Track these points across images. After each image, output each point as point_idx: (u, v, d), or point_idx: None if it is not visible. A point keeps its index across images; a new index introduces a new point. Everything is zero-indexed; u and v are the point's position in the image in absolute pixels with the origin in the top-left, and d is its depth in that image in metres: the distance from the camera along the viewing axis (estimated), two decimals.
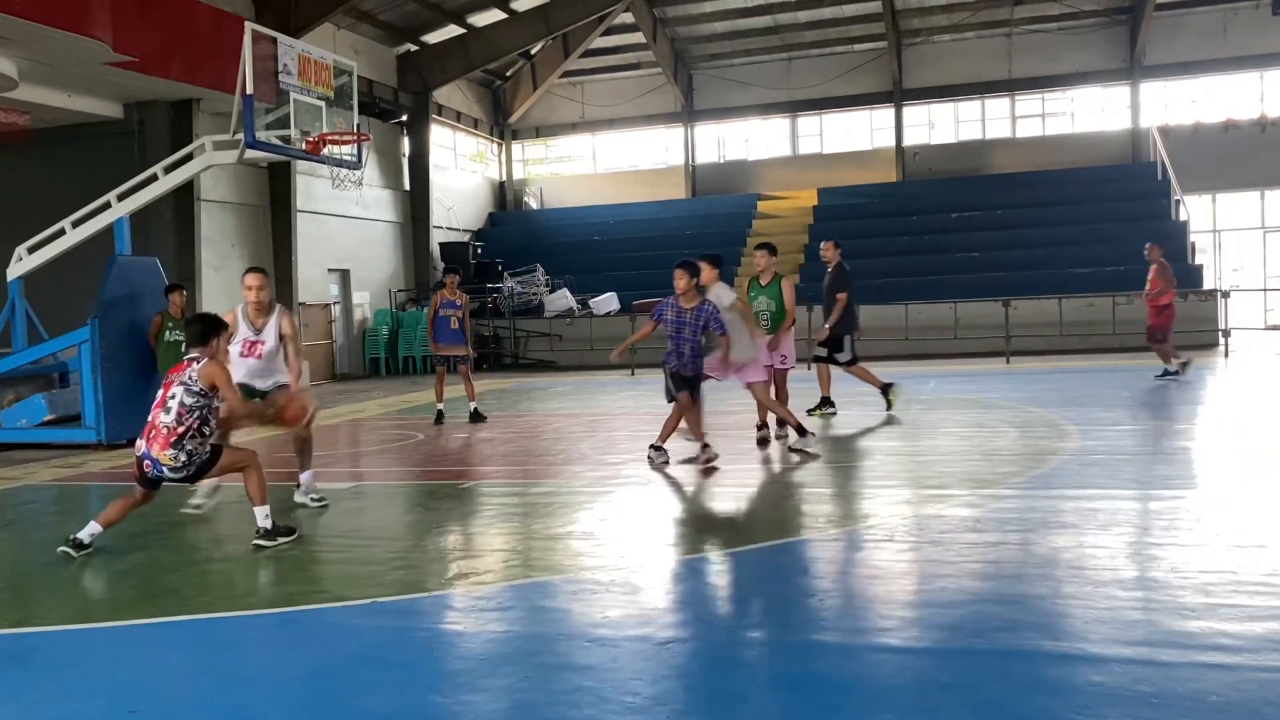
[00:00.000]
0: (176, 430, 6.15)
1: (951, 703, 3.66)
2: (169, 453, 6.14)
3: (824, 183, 28.50)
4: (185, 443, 6.16)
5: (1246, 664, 3.90)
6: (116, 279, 12.04)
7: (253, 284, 7.56)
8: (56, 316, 13.75)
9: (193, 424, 6.17)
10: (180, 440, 6.15)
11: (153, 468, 6.23)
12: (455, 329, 12.84)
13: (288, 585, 5.78)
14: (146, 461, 6.24)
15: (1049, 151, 27.59)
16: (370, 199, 24.31)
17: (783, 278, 10.29)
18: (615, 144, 31.80)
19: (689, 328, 8.58)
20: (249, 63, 11.17)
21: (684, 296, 8.62)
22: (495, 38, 26.39)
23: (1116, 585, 4.96)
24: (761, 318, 10.21)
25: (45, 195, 16.77)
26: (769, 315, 10.21)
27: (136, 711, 3.87)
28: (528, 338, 24.64)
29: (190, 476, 6.36)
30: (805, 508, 7.26)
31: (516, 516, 7.37)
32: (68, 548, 6.24)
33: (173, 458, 6.15)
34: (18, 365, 12.72)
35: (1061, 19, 27.15)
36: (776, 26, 28.36)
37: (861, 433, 10.85)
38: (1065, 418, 10.88)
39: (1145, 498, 7.09)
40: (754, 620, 4.73)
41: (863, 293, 22.08)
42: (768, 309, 10.21)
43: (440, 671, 4.24)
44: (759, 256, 10.40)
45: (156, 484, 6.43)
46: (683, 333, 8.61)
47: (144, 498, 6.48)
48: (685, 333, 8.60)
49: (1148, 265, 14.83)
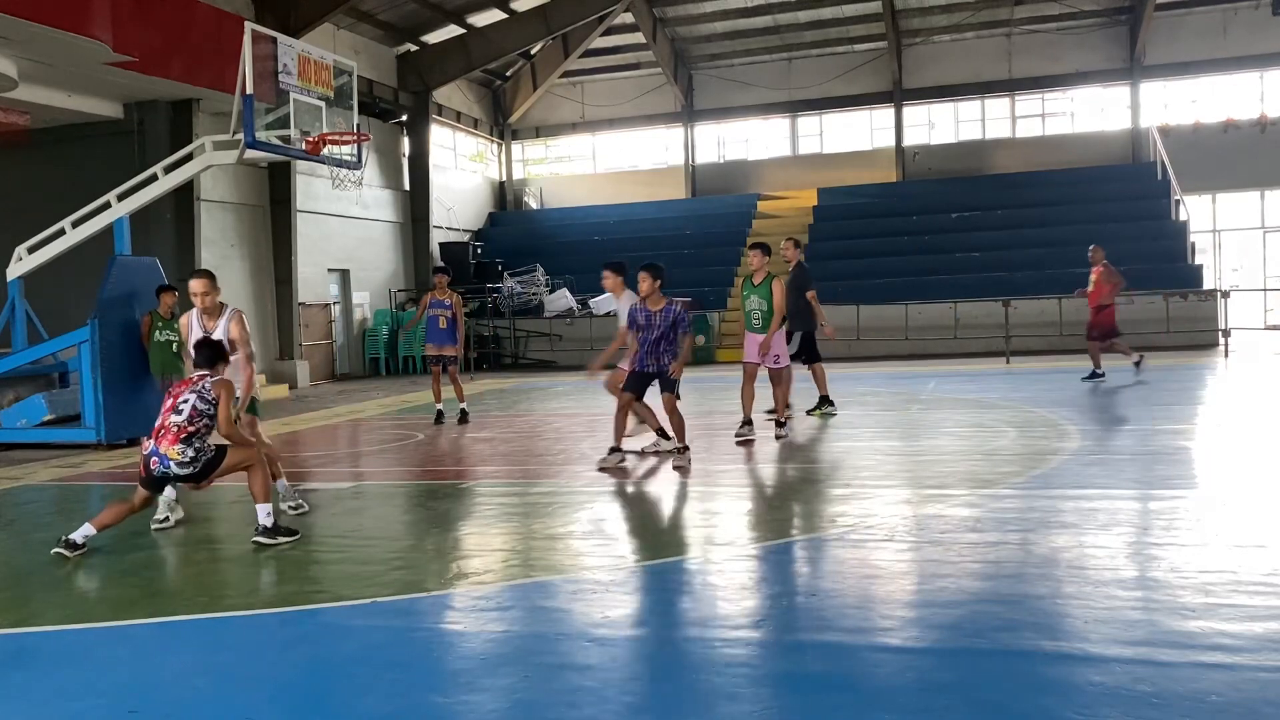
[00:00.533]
0: (186, 429, 6.27)
1: (951, 703, 3.66)
2: (177, 448, 6.24)
3: (824, 183, 28.50)
4: (194, 440, 6.28)
5: (1246, 664, 3.90)
6: (116, 279, 12.03)
7: (197, 290, 7.34)
8: (56, 316, 13.76)
9: (202, 426, 6.32)
10: (189, 438, 6.27)
11: (160, 464, 6.28)
12: (444, 329, 12.84)
13: (288, 585, 5.78)
14: (154, 459, 6.29)
15: (1049, 151, 27.58)
16: (370, 199, 24.31)
17: (775, 278, 10.37)
18: (615, 144, 31.79)
19: (658, 330, 8.68)
20: (249, 63, 11.18)
21: (650, 299, 8.73)
22: (495, 38, 26.39)
23: (1116, 585, 4.96)
24: (754, 317, 10.37)
25: (45, 195, 16.78)
26: (761, 314, 10.33)
27: (136, 711, 3.87)
28: (528, 338, 24.64)
29: (196, 475, 6.38)
30: (805, 508, 7.25)
31: (516, 516, 7.36)
32: (61, 549, 6.26)
33: (180, 453, 6.24)
34: (18, 365, 12.73)
35: (1061, 19, 27.14)
36: (776, 26, 28.36)
37: (861, 433, 10.85)
38: (1065, 418, 10.88)
39: (1145, 498, 7.09)
40: (754, 620, 4.73)
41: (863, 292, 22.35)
42: (759, 308, 10.33)
43: (440, 671, 4.24)
44: (752, 256, 10.49)
45: (160, 484, 6.44)
46: (652, 334, 8.69)
47: (142, 503, 6.49)
48: (654, 334, 8.68)
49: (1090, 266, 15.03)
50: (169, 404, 6.40)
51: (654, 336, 8.69)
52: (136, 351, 11.87)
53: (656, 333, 8.67)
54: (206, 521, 7.55)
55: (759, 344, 10.22)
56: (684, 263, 25.94)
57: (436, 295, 12.90)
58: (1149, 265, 22.07)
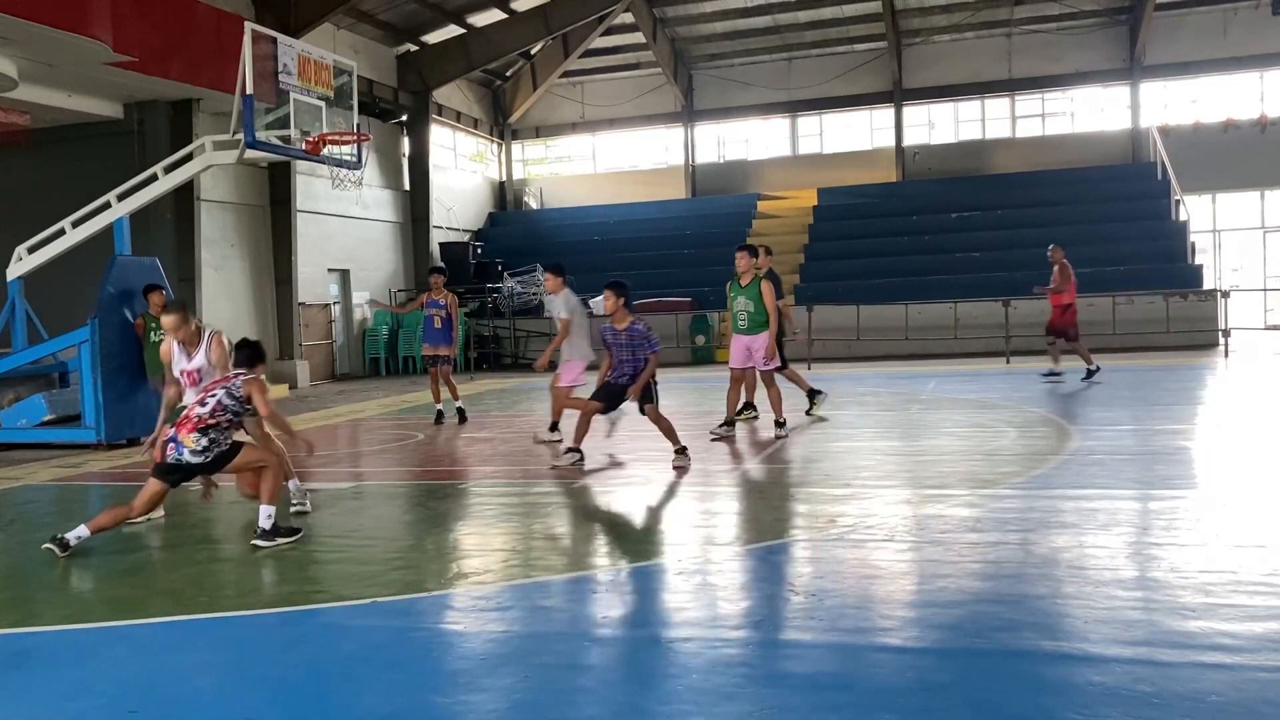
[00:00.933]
0: (206, 420, 6.43)
1: (951, 703, 3.66)
2: (193, 435, 6.39)
3: (824, 183, 28.50)
4: (210, 431, 6.43)
5: (1246, 664, 3.90)
6: (116, 279, 12.03)
7: (168, 326, 7.44)
8: (56, 316, 13.75)
9: (223, 420, 6.48)
10: (207, 429, 6.42)
11: (175, 450, 6.41)
12: (439, 328, 12.85)
13: (288, 585, 5.78)
14: (170, 444, 6.46)
15: (1049, 151, 27.58)
16: (370, 199, 24.31)
17: (763, 279, 10.42)
18: (615, 144, 31.79)
19: (625, 349, 8.81)
20: (249, 63, 11.17)
21: (615, 317, 8.85)
22: (495, 38, 26.40)
23: (1116, 585, 4.96)
24: (739, 318, 10.44)
25: (45, 195, 16.78)
26: (748, 316, 10.40)
27: (136, 712, 3.87)
28: (528, 338, 24.63)
29: (207, 465, 6.48)
30: (805, 508, 7.25)
31: (516, 516, 7.36)
32: (52, 545, 6.29)
33: (195, 440, 6.38)
34: (18, 365, 12.72)
35: (1061, 19, 27.14)
36: (776, 26, 28.36)
37: (861, 433, 10.85)
38: (1065, 418, 10.87)
39: (1145, 498, 7.09)
40: (754, 620, 4.73)
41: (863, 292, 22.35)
42: (745, 309, 10.39)
43: (440, 671, 4.24)
44: (740, 258, 10.56)
45: (170, 473, 6.50)
46: (622, 353, 8.84)
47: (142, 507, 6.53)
48: (624, 354, 8.83)
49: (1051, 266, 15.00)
50: (200, 397, 6.60)
51: (623, 356, 8.85)
52: (136, 352, 11.87)
53: (624, 351, 8.83)
54: (207, 522, 7.55)
55: (744, 346, 10.36)
56: (684, 263, 25.97)
57: (432, 295, 12.91)
58: (1149, 265, 22.11)
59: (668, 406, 9.21)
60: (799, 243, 26.24)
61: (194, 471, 6.55)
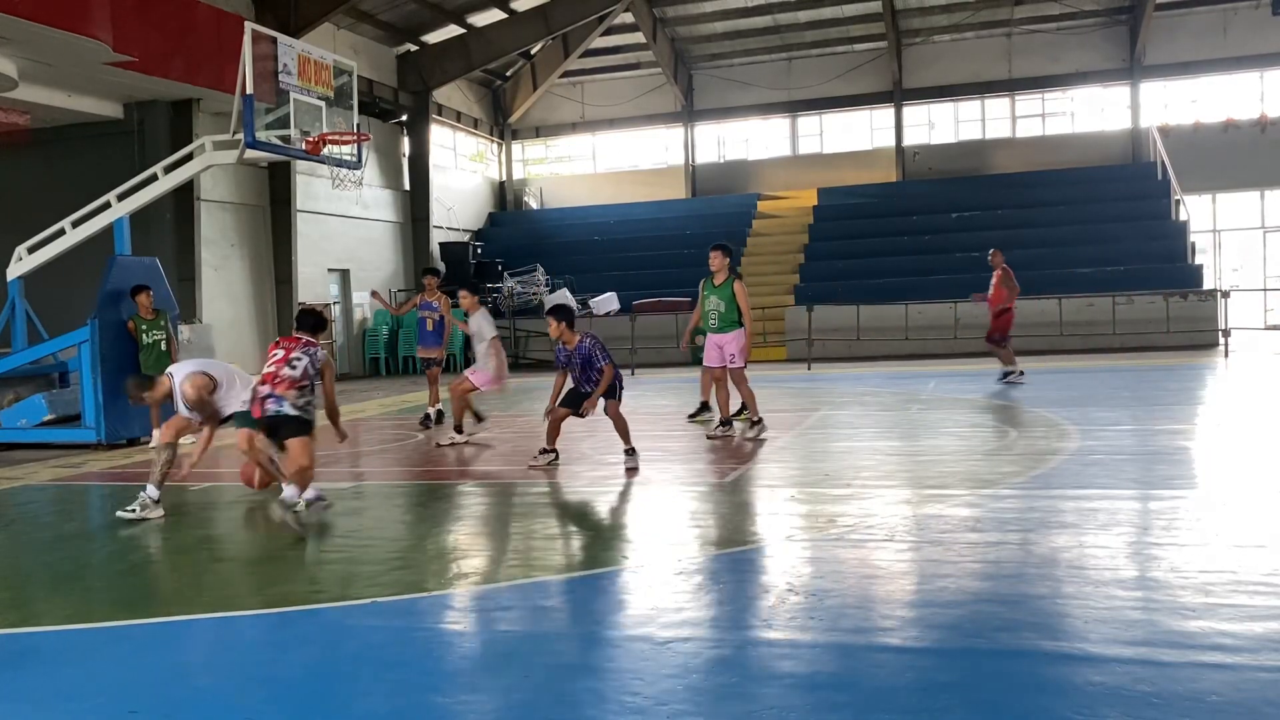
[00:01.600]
0: (299, 382, 6.82)
1: (951, 703, 3.65)
2: (294, 392, 6.78)
3: (824, 183, 28.50)
4: (305, 392, 6.85)
5: (1246, 664, 3.90)
6: (116, 279, 12.03)
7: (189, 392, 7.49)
8: (56, 316, 13.75)
9: (309, 384, 6.91)
10: (302, 390, 6.83)
11: (275, 403, 6.74)
12: (431, 331, 12.82)
13: (288, 585, 5.78)
14: (270, 400, 6.76)
15: (1049, 151, 27.58)
16: (370, 199, 24.31)
17: (736, 279, 10.51)
18: (615, 144, 31.78)
19: (577, 367, 8.97)
20: (249, 63, 11.17)
21: (563, 339, 9.02)
22: (495, 38, 26.40)
23: (1116, 585, 4.96)
24: (711, 317, 10.58)
25: (45, 195, 16.78)
26: (719, 315, 10.52)
27: (136, 712, 3.87)
28: (528, 338, 24.62)
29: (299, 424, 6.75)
30: (805, 508, 7.25)
31: (516, 516, 7.36)
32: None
33: (296, 396, 6.78)
34: (18, 365, 12.72)
35: (1061, 19, 27.14)
36: (776, 26, 28.36)
37: (861, 433, 10.85)
38: (1065, 418, 10.87)
39: (1145, 498, 7.09)
40: (754, 620, 4.73)
41: (863, 292, 22.34)
42: (718, 309, 10.47)
43: (440, 671, 4.24)
44: (713, 257, 10.66)
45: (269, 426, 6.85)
46: (577, 371, 9.02)
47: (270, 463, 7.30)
48: (577, 372, 9.01)
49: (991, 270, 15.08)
50: (281, 356, 6.89)
51: (578, 374, 9.02)
52: (135, 352, 11.87)
53: (578, 369, 8.99)
54: (206, 522, 7.55)
55: (715, 345, 10.53)
56: (684, 263, 25.92)
57: (426, 297, 12.87)
58: (1149, 265, 22.11)
59: (667, 406, 9.22)
60: (799, 243, 26.24)
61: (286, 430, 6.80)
